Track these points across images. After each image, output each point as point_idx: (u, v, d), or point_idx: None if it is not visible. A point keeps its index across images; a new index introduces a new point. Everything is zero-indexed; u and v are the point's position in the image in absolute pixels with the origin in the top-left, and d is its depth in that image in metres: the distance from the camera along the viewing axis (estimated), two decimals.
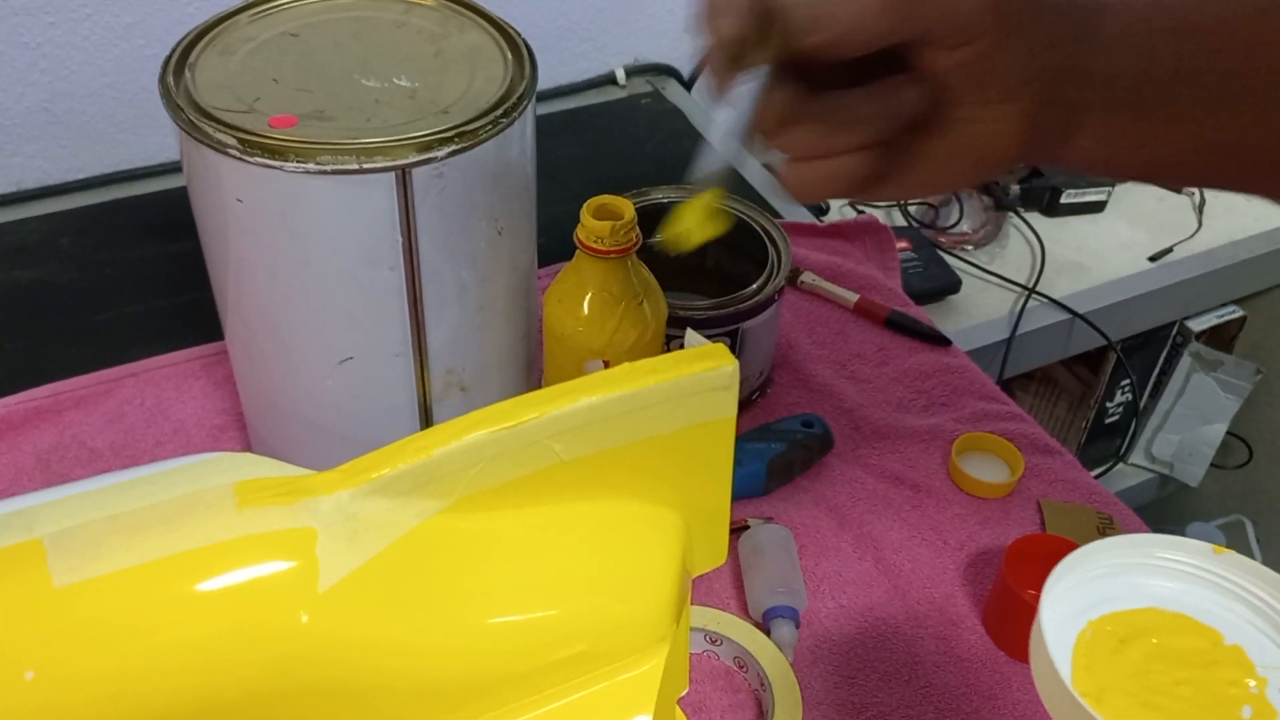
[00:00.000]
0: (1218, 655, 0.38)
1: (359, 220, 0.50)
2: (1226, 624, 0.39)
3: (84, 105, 0.88)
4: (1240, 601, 0.39)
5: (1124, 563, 0.41)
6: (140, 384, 0.71)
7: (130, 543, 0.30)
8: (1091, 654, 0.37)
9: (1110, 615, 0.39)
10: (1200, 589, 0.40)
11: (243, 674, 0.32)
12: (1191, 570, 0.40)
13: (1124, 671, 0.37)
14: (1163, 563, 0.40)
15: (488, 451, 0.34)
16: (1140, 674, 0.37)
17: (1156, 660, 0.37)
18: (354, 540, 0.33)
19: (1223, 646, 0.38)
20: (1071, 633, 0.38)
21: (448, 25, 0.57)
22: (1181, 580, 0.40)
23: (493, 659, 0.34)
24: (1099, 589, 0.40)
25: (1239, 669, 0.37)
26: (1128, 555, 0.40)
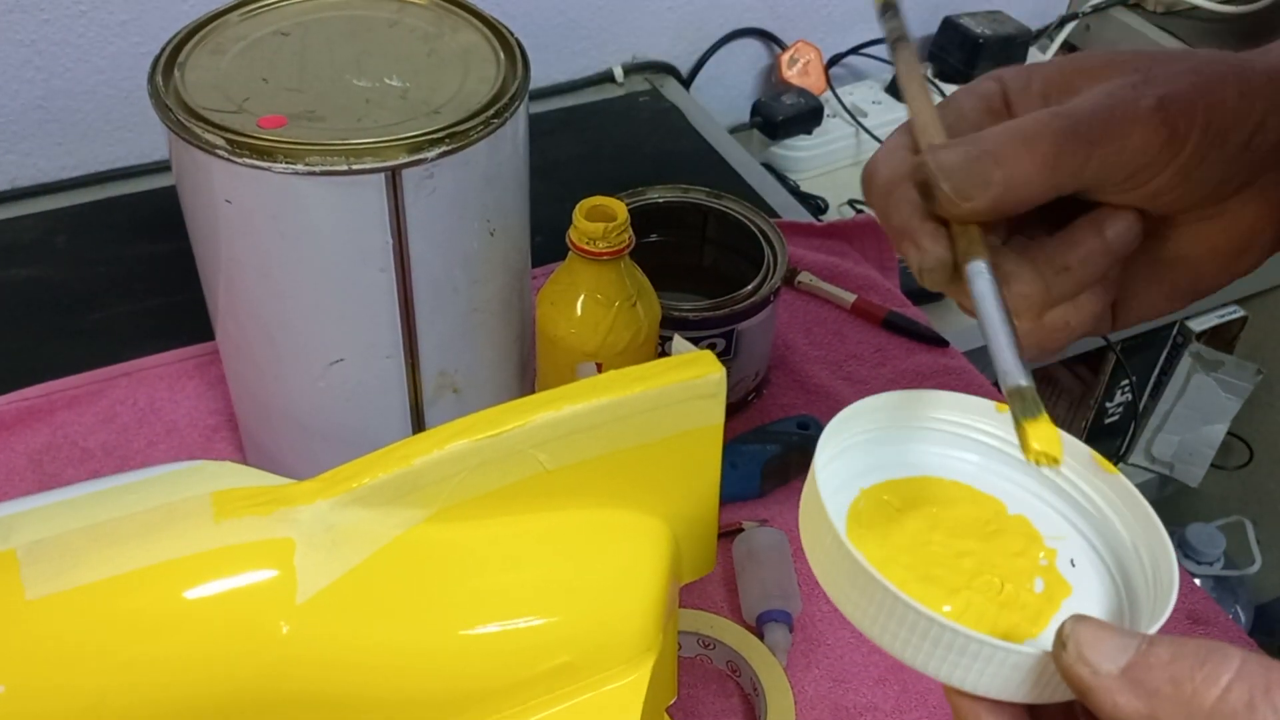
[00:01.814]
0: (1001, 525, 0.35)
1: (349, 221, 0.50)
2: (1009, 494, 0.36)
3: (78, 103, 0.87)
4: (1021, 469, 0.36)
5: (898, 425, 0.37)
6: (133, 384, 0.71)
7: (106, 554, 0.30)
8: (867, 524, 0.34)
9: (884, 484, 0.36)
10: (980, 455, 0.37)
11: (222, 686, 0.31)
12: (970, 434, 0.37)
13: (901, 543, 0.34)
14: (939, 426, 0.37)
15: (470, 460, 0.34)
16: (919, 545, 0.34)
17: (935, 530, 0.34)
18: (334, 551, 0.33)
19: (1006, 516, 0.35)
20: (843, 502, 0.35)
21: (441, 25, 0.56)
22: (961, 446, 0.37)
23: (476, 670, 0.34)
24: (871, 455, 0.36)
25: (1025, 539, 0.34)
26: (902, 416, 0.37)
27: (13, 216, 0.85)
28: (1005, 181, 0.33)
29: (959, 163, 0.33)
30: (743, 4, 1.09)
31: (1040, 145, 0.33)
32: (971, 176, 0.33)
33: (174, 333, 0.74)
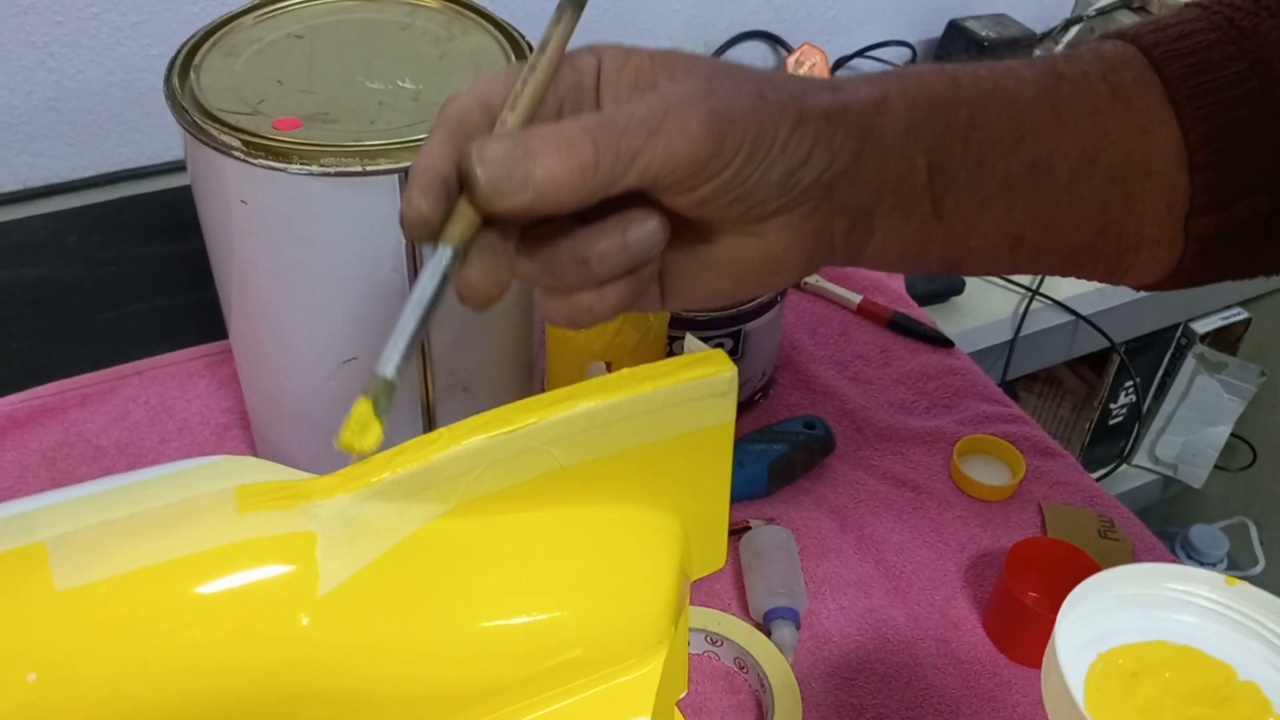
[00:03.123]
0: (1231, 691, 0.37)
1: (363, 222, 0.50)
2: (1239, 660, 0.38)
3: (90, 104, 0.88)
4: (1253, 636, 0.39)
5: (1134, 594, 0.40)
6: (145, 382, 0.71)
7: (132, 546, 0.30)
8: (1102, 688, 0.37)
9: (1121, 648, 0.38)
10: (1211, 623, 0.39)
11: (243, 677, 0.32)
12: (1202, 603, 0.39)
13: (1136, 706, 0.36)
14: (1173, 594, 0.40)
15: (487, 456, 0.34)
16: (1152, 709, 0.36)
17: (1169, 695, 0.37)
18: (353, 544, 0.33)
19: (1236, 682, 0.37)
20: (1082, 665, 0.37)
21: (452, 27, 0.57)
22: (1192, 613, 0.39)
23: (490, 663, 0.35)
24: (1109, 620, 0.39)
25: (1254, 706, 0.37)
26: (1138, 586, 0.40)
27: (25, 216, 0.86)
28: (541, 185, 0.32)
29: (500, 160, 0.32)
30: (748, 7, 1.09)
31: (580, 151, 0.32)
32: (510, 176, 0.32)
33: (185, 332, 0.74)
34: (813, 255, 0.39)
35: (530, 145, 0.32)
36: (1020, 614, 0.58)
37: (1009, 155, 0.40)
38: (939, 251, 0.42)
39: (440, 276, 0.34)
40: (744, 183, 0.35)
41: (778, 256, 0.38)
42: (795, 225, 0.37)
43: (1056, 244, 0.43)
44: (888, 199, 0.39)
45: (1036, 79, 0.41)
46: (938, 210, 0.40)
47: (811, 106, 0.36)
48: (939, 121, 0.39)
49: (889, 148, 0.38)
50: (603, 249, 0.35)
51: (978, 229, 0.41)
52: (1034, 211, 0.41)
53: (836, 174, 0.37)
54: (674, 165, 0.34)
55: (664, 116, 0.33)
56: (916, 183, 0.39)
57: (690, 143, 0.33)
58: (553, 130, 0.33)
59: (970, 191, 0.40)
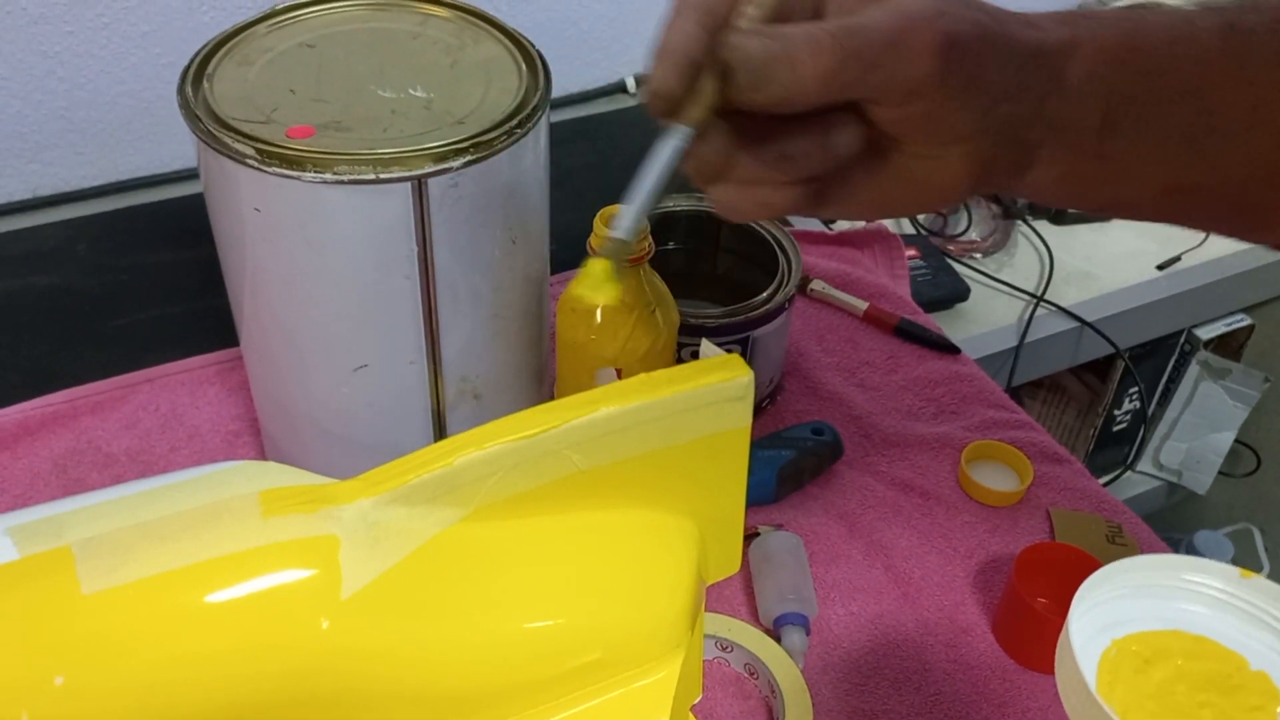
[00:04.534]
0: (1242, 680, 0.38)
1: (375, 229, 0.51)
2: (1251, 650, 0.39)
3: (101, 113, 0.88)
4: (1265, 628, 0.39)
5: (1149, 584, 0.41)
6: (156, 390, 0.71)
7: (157, 550, 0.31)
8: (1115, 672, 0.38)
9: (1135, 635, 0.39)
10: (1225, 614, 0.40)
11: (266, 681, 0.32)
12: (1216, 594, 0.40)
13: (1147, 691, 0.37)
14: (1188, 585, 0.41)
15: (507, 461, 0.35)
16: (1164, 694, 0.37)
17: (1180, 682, 0.38)
18: (375, 548, 0.33)
19: (1247, 672, 0.38)
20: (1096, 651, 0.38)
21: (463, 36, 0.57)
22: (1206, 604, 0.40)
23: (510, 666, 0.35)
24: (1124, 608, 0.40)
25: (1264, 696, 0.37)
26: (1153, 576, 0.41)
27: (35, 225, 0.86)
28: (791, 84, 0.34)
29: (759, 57, 0.34)
30: None
31: (829, 58, 0.34)
32: (765, 72, 0.34)
33: (195, 339, 0.75)
34: (977, 181, 0.40)
35: (786, 45, 0.34)
36: (1030, 619, 0.58)
37: (1182, 104, 0.41)
38: (1094, 189, 0.43)
39: (677, 150, 0.36)
40: (954, 107, 0.37)
41: (945, 179, 0.39)
42: (970, 153, 0.38)
43: (1211, 194, 0.43)
44: (1058, 136, 0.40)
45: (1217, 29, 0.41)
46: (1101, 150, 0.41)
47: (1021, 41, 0.38)
48: (1122, 68, 0.40)
49: (1072, 91, 0.39)
50: (806, 147, 0.37)
51: (1137, 172, 0.42)
52: (1196, 160, 0.42)
53: (1025, 111, 0.38)
54: (903, 81, 0.35)
55: (902, 33, 0.35)
56: (1089, 124, 0.40)
57: (923, 62, 0.35)
58: (805, 34, 0.34)
59: (1136, 137, 0.41)
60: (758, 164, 0.37)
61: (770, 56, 0.34)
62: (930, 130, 0.37)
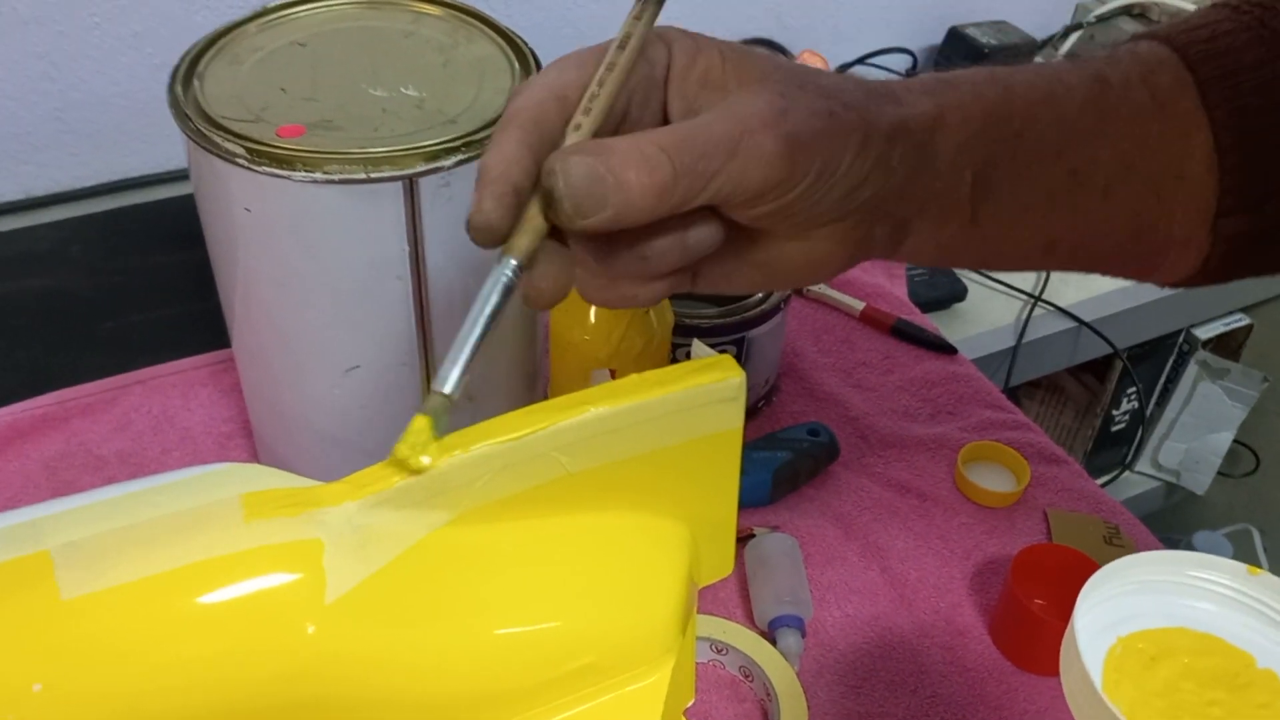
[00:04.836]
0: (1249, 678, 0.38)
1: (366, 229, 0.50)
2: (1259, 647, 0.39)
3: (94, 113, 0.88)
4: (1273, 625, 0.39)
5: (1155, 580, 0.40)
6: (147, 392, 0.71)
7: (138, 554, 0.30)
8: (1121, 669, 0.37)
9: (1141, 632, 0.39)
10: (1232, 610, 0.40)
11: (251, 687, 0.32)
12: (1224, 591, 0.40)
13: (1154, 689, 0.37)
14: (1194, 581, 0.40)
15: (495, 463, 0.34)
16: (1170, 692, 0.37)
17: (1187, 679, 0.37)
18: (361, 552, 0.33)
19: (1255, 669, 0.38)
20: (1102, 648, 0.38)
21: (456, 35, 0.57)
22: (1213, 601, 0.40)
23: (500, 671, 0.34)
24: (1130, 605, 0.40)
25: (1271, 694, 0.37)
26: (1159, 572, 0.40)
27: (28, 226, 0.86)
28: (620, 206, 0.32)
29: (583, 182, 0.32)
30: (749, 14, 1.10)
31: (660, 173, 0.32)
32: (591, 197, 0.32)
33: (187, 341, 0.74)
34: (852, 257, 0.39)
35: (612, 165, 0.32)
36: (1027, 621, 0.57)
37: (1052, 164, 0.40)
38: (972, 252, 0.42)
39: (504, 288, 0.34)
40: (806, 202, 0.36)
41: (819, 259, 0.39)
42: (840, 232, 0.38)
43: (1089, 247, 0.43)
44: (930, 208, 0.40)
45: (1083, 85, 0.41)
46: (975, 217, 0.40)
47: (876, 125, 0.36)
48: (989, 135, 0.39)
49: (940, 164, 0.39)
50: (663, 247, 0.35)
51: (1013, 234, 0.42)
52: (1069, 217, 0.42)
53: (891, 190, 0.38)
54: (746, 187, 0.34)
55: (740, 139, 0.33)
56: (961, 194, 0.40)
57: (764, 168, 0.34)
58: (633, 149, 0.33)
59: (1010, 200, 0.40)
60: (613, 267, 0.36)
61: (595, 179, 0.32)
62: (788, 221, 0.36)
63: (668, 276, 0.37)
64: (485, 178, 0.33)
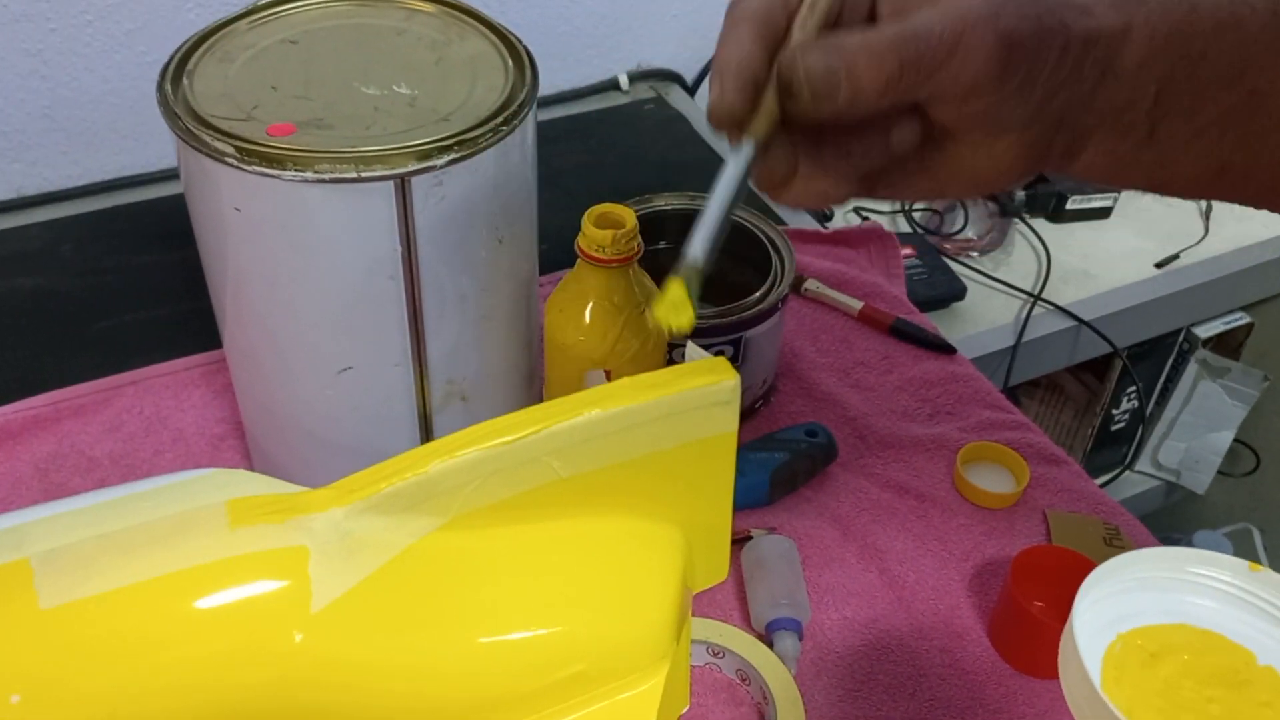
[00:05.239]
0: (1250, 675, 0.37)
1: (358, 229, 0.50)
2: (1259, 644, 0.38)
3: (85, 112, 0.87)
4: (1274, 622, 0.39)
5: (1155, 577, 0.40)
6: (140, 393, 0.70)
7: (120, 562, 0.30)
8: (1121, 667, 0.37)
9: (1141, 629, 0.39)
10: (1232, 607, 0.39)
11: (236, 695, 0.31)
12: (1224, 587, 0.40)
13: (1153, 687, 0.37)
14: (1195, 578, 0.40)
15: (485, 468, 0.34)
16: (1170, 690, 0.37)
17: (1187, 677, 0.37)
18: (348, 559, 0.32)
19: (1255, 667, 0.38)
20: (1101, 645, 0.38)
21: (449, 33, 0.56)
22: (1213, 597, 0.40)
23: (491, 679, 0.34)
24: (1130, 602, 0.40)
25: (1272, 691, 0.37)
26: (1159, 569, 0.40)
27: (19, 225, 0.85)
28: (852, 96, 0.35)
29: (821, 71, 0.35)
30: None
31: (888, 66, 0.35)
32: (827, 87, 0.35)
33: (180, 341, 0.74)
34: (1029, 166, 0.40)
35: (846, 58, 0.35)
36: (1026, 623, 0.57)
37: (1231, 86, 0.41)
38: (1145, 171, 0.43)
39: (745, 167, 0.37)
40: (1011, 103, 0.37)
41: (998, 165, 0.40)
42: (1023, 141, 0.39)
43: (1262, 174, 0.43)
44: (1110, 121, 0.40)
45: (1269, 6, 0.41)
46: (1153, 134, 0.41)
47: (1075, 32, 0.38)
48: (1173, 52, 0.40)
49: (1124, 78, 0.39)
50: (866, 146, 0.38)
51: (1188, 154, 0.42)
52: (1245, 140, 0.42)
53: (1078, 100, 0.38)
54: (961, 83, 0.36)
55: (960, 36, 0.35)
56: (1141, 109, 0.40)
57: (981, 65, 0.35)
58: (863, 44, 0.35)
59: (1188, 119, 0.41)
60: (820, 163, 0.38)
61: (830, 71, 0.35)
62: (985, 124, 0.38)
63: (861, 179, 0.39)
64: (725, 69, 0.36)
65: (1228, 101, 0.41)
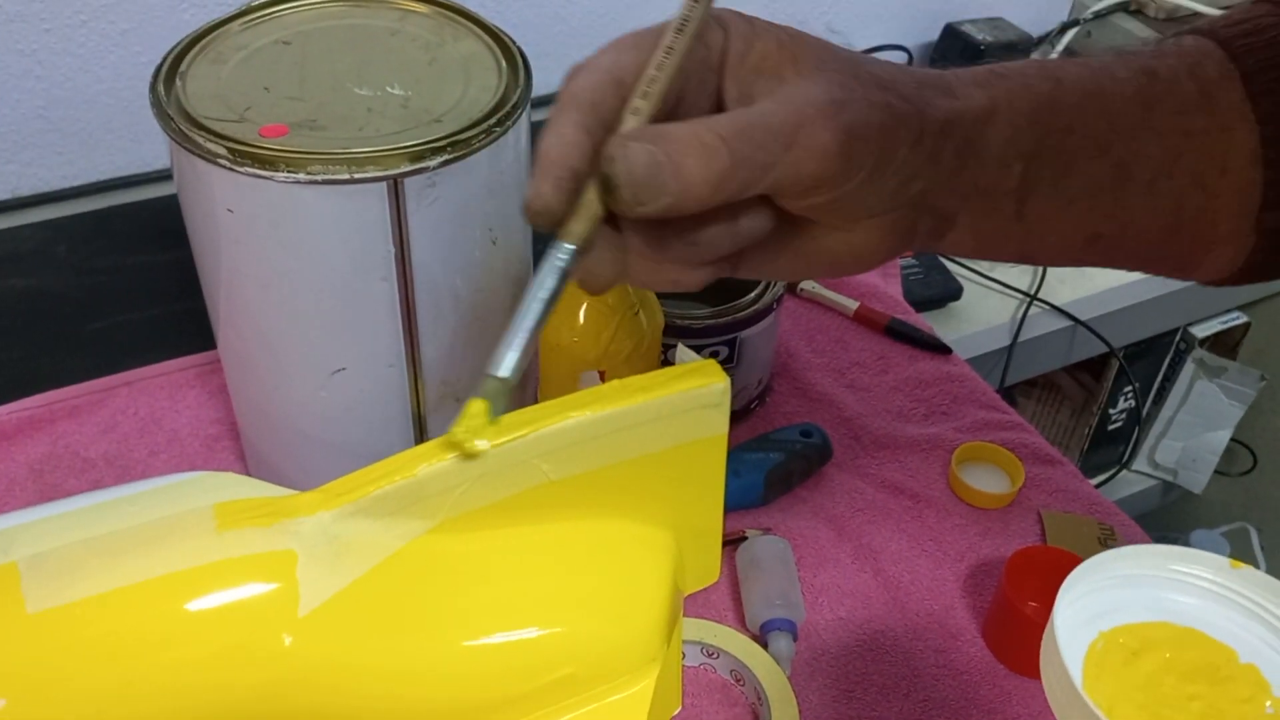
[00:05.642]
0: (1231, 672, 0.38)
1: (351, 230, 0.50)
2: (1241, 641, 0.39)
3: (80, 112, 0.87)
4: (1256, 619, 0.39)
5: (1138, 574, 0.40)
6: (134, 393, 0.70)
7: (108, 566, 0.30)
8: (1102, 664, 0.37)
9: (1122, 627, 0.39)
10: (1215, 604, 0.40)
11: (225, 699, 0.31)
12: (1206, 585, 0.40)
13: (1135, 683, 0.37)
14: (1177, 575, 0.40)
15: (474, 471, 0.34)
16: (1152, 686, 0.37)
17: (1169, 674, 0.37)
18: (336, 562, 0.32)
19: (1237, 664, 0.38)
20: (1083, 642, 0.38)
21: (442, 33, 0.56)
22: (1195, 595, 0.40)
23: (480, 683, 0.34)
24: (1111, 599, 0.40)
25: (1254, 688, 0.37)
26: (1142, 566, 0.40)
27: (13, 226, 0.85)
28: (679, 194, 0.32)
29: (643, 169, 0.32)
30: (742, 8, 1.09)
31: (718, 162, 0.32)
32: (651, 184, 0.32)
33: (175, 342, 0.73)
34: (895, 248, 0.39)
35: (671, 153, 0.32)
36: (1020, 624, 0.57)
37: (1099, 158, 0.40)
38: (1015, 245, 0.42)
39: (562, 272, 0.34)
40: (859, 194, 0.35)
41: (862, 249, 0.39)
42: (886, 224, 0.38)
43: (1132, 241, 0.43)
44: (976, 201, 0.40)
45: (1132, 78, 0.41)
46: (1021, 210, 0.40)
47: (931, 118, 0.36)
48: (1039, 128, 0.39)
49: (989, 158, 0.39)
50: (713, 235, 0.35)
51: (1057, 227, 0.42)
52: (1114, 211, 0.42)
53: (940, 183, 0.38)
54: (801, 178, 0.34)
55: (797, 130, 0.33)
56: (1007, 186, 0.40)
57: (821, 160, 0.34)
58: (692, 137, 0.32)
59: (1055, 194, 0.40)
60: (664, 251, 0.36)
61: (654, 166, 0.32)
62: (839, 213, 0.36)
63: (714, 262, 0.37)
64: (544, 161, 0.33)
65: (1095, 173, 0.40)
